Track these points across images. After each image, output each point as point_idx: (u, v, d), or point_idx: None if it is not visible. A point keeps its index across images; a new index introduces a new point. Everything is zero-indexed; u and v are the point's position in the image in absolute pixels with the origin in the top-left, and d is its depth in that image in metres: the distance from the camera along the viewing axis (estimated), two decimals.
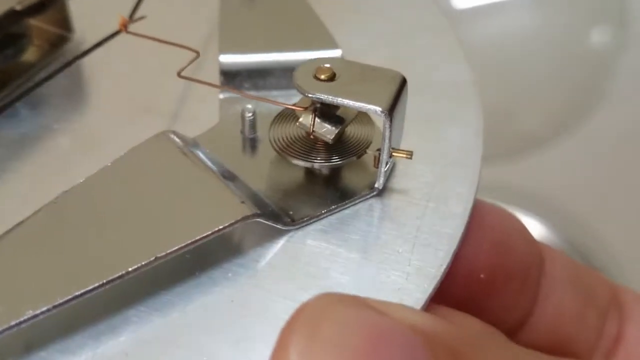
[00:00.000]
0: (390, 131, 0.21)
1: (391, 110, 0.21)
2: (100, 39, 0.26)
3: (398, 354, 0.17)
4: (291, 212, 0.22)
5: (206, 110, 0.25)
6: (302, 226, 0.22)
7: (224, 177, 0.22)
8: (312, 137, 0.22)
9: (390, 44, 0.29)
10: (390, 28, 0.29)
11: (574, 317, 0.27)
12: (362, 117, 0.23)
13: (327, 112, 0.22)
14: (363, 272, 0.21)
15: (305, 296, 0.20)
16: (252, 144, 0.24)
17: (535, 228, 0.51)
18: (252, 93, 0.26)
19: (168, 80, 0.25)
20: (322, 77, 0.21)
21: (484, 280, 0.25)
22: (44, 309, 0.18)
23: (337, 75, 0.22)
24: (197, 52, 0.24)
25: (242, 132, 0.24)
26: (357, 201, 0.23)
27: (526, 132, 0.54)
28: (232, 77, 0.26)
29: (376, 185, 0.22)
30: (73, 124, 0.25)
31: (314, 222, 0.22)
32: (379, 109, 0.21)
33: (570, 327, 0.27)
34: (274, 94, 0.26)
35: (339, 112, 0.22)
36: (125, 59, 0.27)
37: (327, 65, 0.22)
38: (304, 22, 0.28)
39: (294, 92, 0.23)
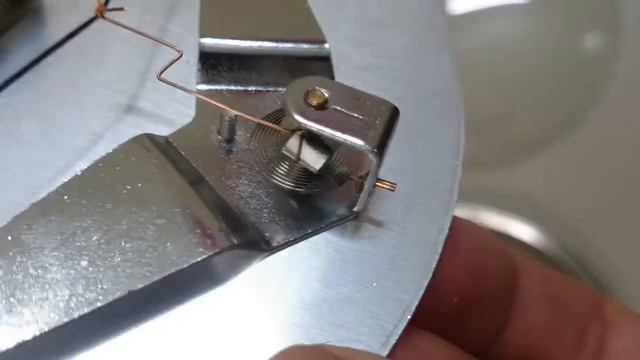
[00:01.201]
0: (379, 167, 0.20)
1: (381, 149, 0.20)
2: (74, 29, 0.24)
3: None
4: (267, 235, 0.21)
5: (188, 109, 0.24)
6: (277, 251, 0.21)
7: (192, 182, 0.21)
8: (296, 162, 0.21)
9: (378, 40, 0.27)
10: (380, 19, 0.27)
11: (548, 333, 0.27)
12: None
13: (315, 138, 0.21)
14: (335, 301, 0.21)
15: (273, 323, 0.20)
16: (228, 147, 0.23)
17: (530, 233, 0.51)
18: (233, 88, 0.24)
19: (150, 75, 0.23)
20: (314, 103, 0.20)
21: (457, 304, 0.25)
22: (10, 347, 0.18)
23: (329, 102, 0.20)
24: (181, 53, 0.22)
25: (220, 133, 0.23)
26: (334, 225, 0.22)
27: (521, 138, 0.54)
28: (211, 66, 0.24)
29: (355, 210, 0.22)
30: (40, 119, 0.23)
31: (288, 246, 0.21)
32: (369, 148, 0.20)
33: (544, 343, 0.27)
34: (256, 89, 0.24)
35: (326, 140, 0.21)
36: (101, 47, 0.25)
37: (320, 90, 0.20)
38: (292, 10, 0.26)
39: (279, 89, 0.22)
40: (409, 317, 0.21)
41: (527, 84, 0.54)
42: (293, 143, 0.21)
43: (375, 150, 0.20)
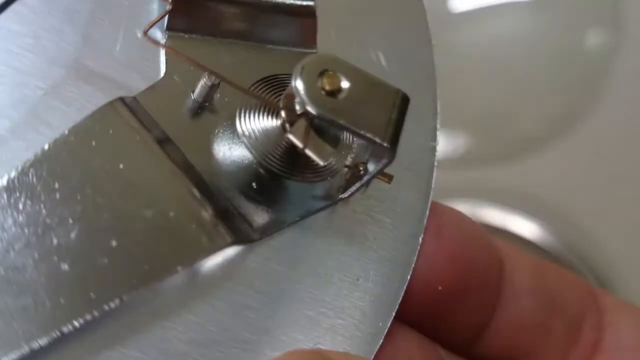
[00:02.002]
0: (389, 163, 0.19)
1: (396, 145, 0.18)
2: None
3: None
4: (253, 221, 0.19)
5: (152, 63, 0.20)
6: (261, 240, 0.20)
7: (179, 162, 0.19)
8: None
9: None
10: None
11: (538, 326, 0.26)
12: None
13: (323, 127, 0.19)
14: (321, 297, 0.20)
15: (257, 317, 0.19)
16: (206, 113, 0.20)
17: (532, 230, 0.51)
18: (208, 38, 0.21)
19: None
20: (327, 87, 0.18)
21: (441, 293, 0.24)
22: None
23: (343, 88, 0.18)
24: (170, 2, 0.19)
25: (193, 95, 0.20)
26: (316, 212, 0.20)
27: (523, 134, 0.54)
28: (184, 10, 0.20)
29: (342, 196, 0.20)
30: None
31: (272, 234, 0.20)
32: (387, 145, 0.18)
33: (532, 337, 0.26)
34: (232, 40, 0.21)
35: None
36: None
37: (334, 73, 0.18)
38: None
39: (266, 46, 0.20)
40: (394, 313, 0.21)
41: (529, 80, 0.54)
42: (299, 131, 0.18)
43: (390, 147, 0.18)
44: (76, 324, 0.16)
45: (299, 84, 0.18)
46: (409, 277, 0.22)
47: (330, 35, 0.22)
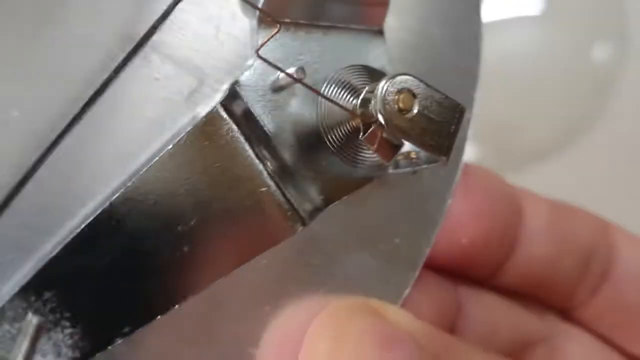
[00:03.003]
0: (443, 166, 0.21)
1: (449, 155, 0.21)
2: None
3: None
4: (320, 198, 0.22)
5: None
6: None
7: (257, 142, 0.21)
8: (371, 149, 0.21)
9: None
10: None
11: (549, 263, 0.28)
12: None
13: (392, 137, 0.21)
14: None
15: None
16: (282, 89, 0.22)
17: None
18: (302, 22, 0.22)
19: None
20: (402, 106, 0.20)
21: (465, 245, 0.27)
22: None
23: (415, 106, 0.20)
24: (279, 24, 0.21)
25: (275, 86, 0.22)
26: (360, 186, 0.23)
27: (532, 145, 0.55)
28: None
29: (392, 172, 0.22)
30: None
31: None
32: (444, 159, 0.20)
33: (544, 272, 0.28)
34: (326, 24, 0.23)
35: None
36: None
37: (410, 94, 0.20)
38: None
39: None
40: (421, 264, 0.24)
41: (538, 93, 0.55)
42: (372, 137, 0.21)
43: (445, 160, 0.21)
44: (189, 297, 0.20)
45: (379, 101, 0.20)
46: (435, 233, 0.24)
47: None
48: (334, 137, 0.22)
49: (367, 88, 0.21)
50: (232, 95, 0.21)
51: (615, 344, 0.29)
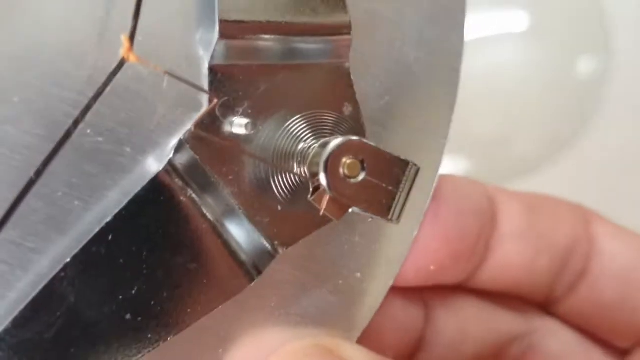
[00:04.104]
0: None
1: (399, 218, 0.21)
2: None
3: None
4: (276, 243, 0.22)
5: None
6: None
7: (216, 221, 0.22)
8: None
9: None
10: None
11: (523, 265, 0.27)
12: None
13: None
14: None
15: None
16: (247, 145, 0.22)
17: None
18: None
19: None
20: (348, 173, 0.20)
21: (434, 270, 0.26)
22: None
23: (361, 171, 0.20)
24: (216, 98, 0.21)
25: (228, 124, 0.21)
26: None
27: (519, 160, 0.56)
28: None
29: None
30: None
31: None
32: (393, 221, 0.21)
33: (518, 275, 0.27)
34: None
35: None
36: None
37: (357, 160, 0.20)
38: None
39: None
40: (383, 298, 0.24)
41: (524, 107, 0.56)
42: (319, 198, 0.21)
43: (395, 221, 0.21)
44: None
45: (323, 168, 0.20)
46: (400, 265, 0.25)
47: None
48: (283, 188, 0.22)
49: (316, 148, 0.21)
50: (179, 149, 0.21)
51: (597, 338, 0.29)
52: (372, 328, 0.24)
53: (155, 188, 0.21)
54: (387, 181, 0.21)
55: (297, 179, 0.22)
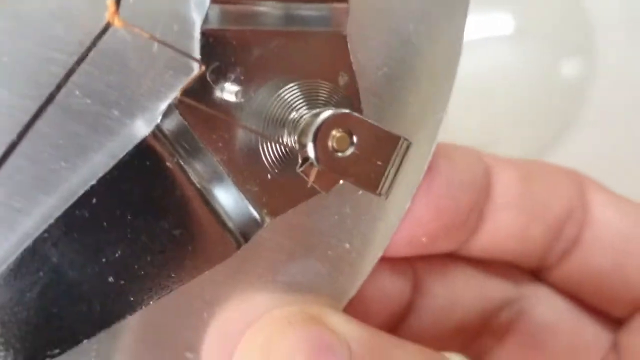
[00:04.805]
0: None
1: (388, 192, 0.21)
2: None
3: None
4: (264, 212, 0.22)
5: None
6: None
7: (203, 188, 0.22)
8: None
9: None
10: None
11: (516, 235, 0.27)
12: None
13: None
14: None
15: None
16: (237, 109, 0.21)
17: None
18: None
19: None
20: (337, 146, 0.20)
21: (425, 242, 0.25)
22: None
23: (351, 145, 0.20)
24: (201, 64, 0.21)
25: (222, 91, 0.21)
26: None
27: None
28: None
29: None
30: None
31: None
32: (381, 195, 0.21)
33: (511, 243, 0.27)
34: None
35: None
36: None
37: (346, 133, 0.20)
38: None
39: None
40: (371, 269, 0.24)
41: (510, 109, 0.56)
42: (307, 170, 0.21)
43: (384, 196, 0.21)
44: (116, 323, 0.21)
45: (311, 141, 0.20)
46: (390, 236, 0.24)
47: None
48: (273, 157, 0.22)
49: (307, 118, 0.21)
50: (167, 113, 0.21)
51: (589, 306, 0.29)
52: (358, 296, 0.24)
53: (142, 152, 0.21)
54: (377, 155, 0.20)
55: (286, 149, 0.22)
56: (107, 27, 0.20)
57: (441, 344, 0.29)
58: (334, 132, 0.20)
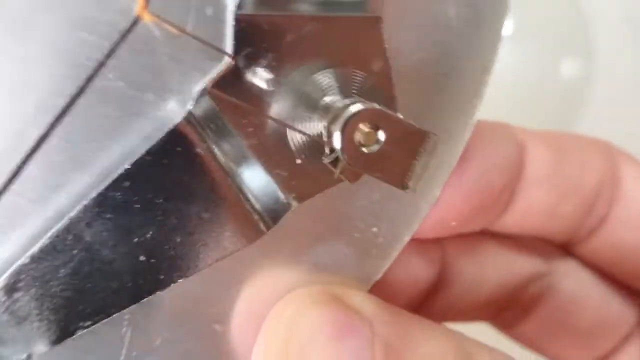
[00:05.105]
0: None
1: (414, 188, 0.21)
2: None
3: (355, 354, 0.21)
4: (292, 196, 0.22)
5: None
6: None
7: (231, 169, 0.22)
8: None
9: None
10: None
11: (547, 211, 0.27)
12: None
13: None
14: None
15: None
16: (269, 95, 0.21)
17: None
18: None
19: None
20: (363, 141, 0.20)
21: (455, 226, 0.25)
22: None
23: (379, 142, 0.20)
24: (232, 56, 0.21)
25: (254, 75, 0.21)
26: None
27: None
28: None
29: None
30: None
31: None
32: (406, 191, 0.20)
33: (541, 220, 0.27)
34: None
35: None
36: None
37: (374, 129, 0.20)
38: None
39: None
40: (397, 253, 0.24)
41: (508, 110, 0.56)
42: (334, 163, 0.21)
43: (409, 191, 0.21)
44: (148, 298, 0.22)
45: (337, 136, 0.20)
46: (419, 222, 0.24)
47: None
48: (301, 143, 0.22)
49: (336, 108, 0.21)
50: (199, 98, 0.21)
51: (617, 281, 0.29)
52: (385, 276, 0.24)
53: (174, 137, 0.21)
54: (404, 151, 0.20)
55: (311, 140, 0.22)
56: (136, 21, 0.20)
57: (468, 317, 0.29)
58: (361, 126, 0.20)
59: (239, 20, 0.21)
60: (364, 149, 0.20)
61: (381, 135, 0.20)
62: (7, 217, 0.21)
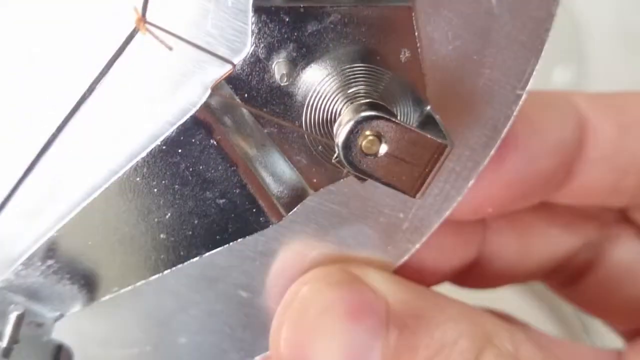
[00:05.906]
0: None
1: (422, 193, 0.20)
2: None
3: (368, 333, 0.22)
4: (310, 184, 0.22)
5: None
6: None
7: (250, 155, 0.22)
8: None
9: None
10: None
11: (608, 187, 0.26)
12: None
13: None
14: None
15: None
16: (287, 93, 0.21)
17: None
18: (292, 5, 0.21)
19: None
20: (367, 150, 0.20)
21: (491, 212, 0.25)
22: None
23: (383, 148, 0.20)
24: (232, 64, 0.21)
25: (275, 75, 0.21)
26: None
27: None
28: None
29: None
30: None
31: None
32: (412, 196, 0.20)
33: (600, 196, 0.26)
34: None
35: None
36: None
37: (376, 138, 0.20)
38: None
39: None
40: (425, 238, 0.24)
41: None
42: (342, 164, 0.21)
43: (417, 198, 0.20)
44: (167, 270, 0.23)
45: (341, 144, 0.20)
46: (451, 210, 0.24)
47: None
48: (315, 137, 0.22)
49: (347, 110, 0.21)
50: (219, 87, 0.21)
51: None
52: (416, 255, 0.24)
53: (192, 125, 0.22)
54: (410, 159, 0.20)
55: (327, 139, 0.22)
56: (133, 33, 0.21)
57: (514, 281, 0.29)
58: (366, 133, 0.20)
59: (258, 11, 0.21)
60: (367, 157, 0.20)
61: (383, 143, 0.20)
62: (46, 193, 0.23)
